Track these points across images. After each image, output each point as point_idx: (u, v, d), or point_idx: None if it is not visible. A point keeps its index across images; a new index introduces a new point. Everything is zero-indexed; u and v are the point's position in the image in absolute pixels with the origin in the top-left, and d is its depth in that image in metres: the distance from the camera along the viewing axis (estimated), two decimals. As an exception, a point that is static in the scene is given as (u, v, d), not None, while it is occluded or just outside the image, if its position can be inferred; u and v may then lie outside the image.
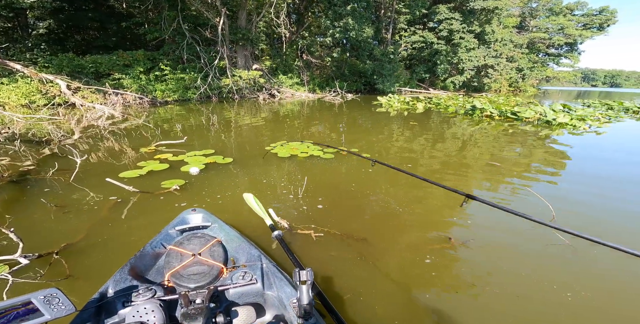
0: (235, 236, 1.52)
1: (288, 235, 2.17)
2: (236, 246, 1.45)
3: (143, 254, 1.33)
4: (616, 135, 6.68)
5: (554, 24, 32.58)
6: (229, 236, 1.51)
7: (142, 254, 1.33)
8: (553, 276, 1.79)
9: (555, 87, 68.40)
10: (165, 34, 12.50)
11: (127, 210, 2.50)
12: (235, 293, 1.15)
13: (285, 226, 2.25)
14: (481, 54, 20.65)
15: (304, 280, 0.94)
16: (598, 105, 12.45)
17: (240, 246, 1.44)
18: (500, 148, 5.14)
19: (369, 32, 15.04)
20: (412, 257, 1.94)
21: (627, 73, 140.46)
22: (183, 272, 1.08)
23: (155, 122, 6.87)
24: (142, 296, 1.01)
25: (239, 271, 1.18)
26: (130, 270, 1.20)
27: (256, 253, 1.36)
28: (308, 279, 0.95)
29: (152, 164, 3.69)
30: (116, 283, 1.12)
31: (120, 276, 1.15)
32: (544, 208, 2.55)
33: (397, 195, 3.04)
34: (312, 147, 4.64)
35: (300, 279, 0.95)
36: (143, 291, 1.02)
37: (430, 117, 9.04)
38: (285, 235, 2.12)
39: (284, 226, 2.26)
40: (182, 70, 12.57)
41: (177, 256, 1.16)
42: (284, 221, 2.29)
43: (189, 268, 1.10)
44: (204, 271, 1.08)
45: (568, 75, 40.58)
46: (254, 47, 14.97)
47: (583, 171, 3.94)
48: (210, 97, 12.60)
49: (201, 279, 1.06)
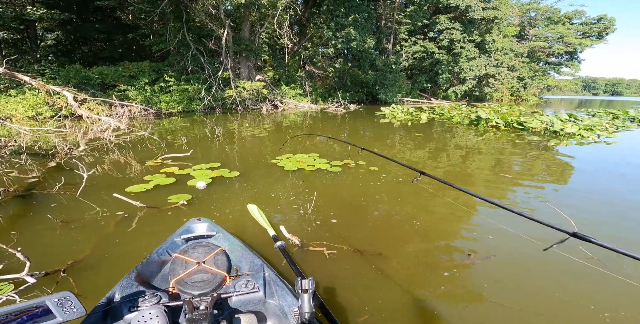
0: (238, 245, 1.56)
1: (299, 252, 2.10)
2: (240, 255, 1.49)
3: (149, 261, 1.38)
4: (628, 145, 6.55)
5: (553, 32, 33.05)
6: (232, 246, 1.55)
7: (148, 261, 1.38)
8: (585, 293, 1.70)
9: (556, 95, 68.75)
10: (171, 45, 12.73)
11: (134, 226, 2.46)
12: (237, 300, 1.18)
13: (297, 242, 2.19)
14: (482, 63, 20.85)
15: (305, 289, 0.97)
16: (603, 114, 12.41)
17: (243, 256, 1.48)
18: (509, 160, 5.06)
19: (370, 43, 15.27)
20: (429, 274, 1.87)
21: (628, 82, 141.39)
22: (187, 279, 1.11)
23: (160, 134, 6.88)
24: (148, 301, 1.04)
25: (241, 280, 1.21)
26: (137, 276, 1.24)
27: (259, 262, 1.40)
28: (310, 288, 0.97)
29: (158, 178, 3.65)
30: (123, 289, 1.15)
31: (127, 282, 1.19)
32: (562, 221, 2.45)
33: (411, 207, 2.96)
34: (319, 160, 4.59)
35: (302, 288, 0.97)
36: (149, 297, 1.05)
37: (434, 128, 9.01)
38: (297, 253, 2.08)
39: (295, 242, 2.19)
40: (186, 81, 12.72)
41: (182, 264, 1.19)
42: (295, 238, 2.22)
43: (193, 275, 1.12)
44: (207, 278, 1.11)
45: (569, 83, 40.77)
46: (257, 58, 15.20)
47: (599, 186, 3.84)
48: (214, 108, 12.70)
49: (205, 286, 1.09)
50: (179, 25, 12.57)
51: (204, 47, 13.48)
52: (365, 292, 1.72)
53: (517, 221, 2.72)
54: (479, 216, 2.87)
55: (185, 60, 12.82)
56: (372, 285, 1.80)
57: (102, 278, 1.79)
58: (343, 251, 2.13)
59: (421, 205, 3.14)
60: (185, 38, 12.66)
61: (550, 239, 1.03)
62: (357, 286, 1.77)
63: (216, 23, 13.80)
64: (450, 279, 1.83)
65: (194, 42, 13.13)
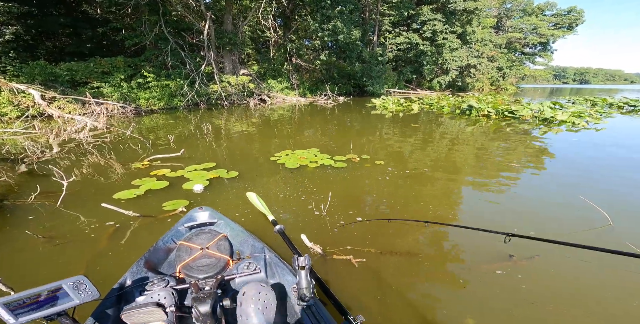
0: (240, 231, 1.63)
1: (323, 263, 1.89)
2: (241, 240, 1.56)
3: (156, 249, 1.45)
4: (617, 130, 6.75)
5: (527, 24, 34.15)
6: (234, 232, 1.62)
7: (155, 249, 1.44)
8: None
9: (531, 84, 71.64)
10: (147, 40, 11.91)
11: (129, 237, 2.18)
12: (240, 281, 1.25)
13: (319, 251, 1.97)
14: (464, 54, 21.20)
15: (302, 265, 1.02)
16: (583, 101, 12.91)
17: (244, 240, 1.56)
18: (511, 148, 5.06)
19: (356, 35, 15.03)
20: (472, 277, 1.74)
21: (594, 71, 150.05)
22: (193, 264, 1.15)
23: (142, 133, 6.38)
24: (157, 285, 1.10)
25: (243, 262, 1.26)
26: (145, 263, 1.31)
27: (260, 246, 1.47)
28: (306, 264, 1.03)
29: (148, 182, 3.31)
30: (133, 275, 1.23)
31: (136, 269, 1.27)
32: (594, 213, 2.40)
33: (434, 201, 2.83)
34: (320, 155, 4.37)
35: (299, 265, 1.02)
36: (157, 282, 1.10)
37: (427, 118, 9.00)
38: (320, 264, 1.87)
39: (317, 251, 1.97)
40: (166, 76, 12.00)
41: (186, 250, 1.22)
42: (316, 246, 2.00)
43: (198, 260, 1.16)
44: (211, 263, 1.15)
45: (543, 73, 42.58)
46: (241, 51, 14.60)
47: (612, 171, 3.87)
48: (198, 104, 12.09)
49: (209, 270, 1.13)
50: (155, 18, 11.74)
51: (184, 41, 12.74)
52: (412, 304, 1.57)
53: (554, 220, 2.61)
54: (509, 210, 2.79)
55: (165, 55, 12.06)
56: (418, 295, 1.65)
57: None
58: (372, 256, 1.95)
59: (439, 197, 3.02)
60: (163, 32, 11.88)
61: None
62: (399, 298, 1.61)
63: (196, 16, 13.05)
64: (497, 281, 1.70)
65: (173, 35, 12.38)
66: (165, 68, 12.42)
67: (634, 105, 11.53)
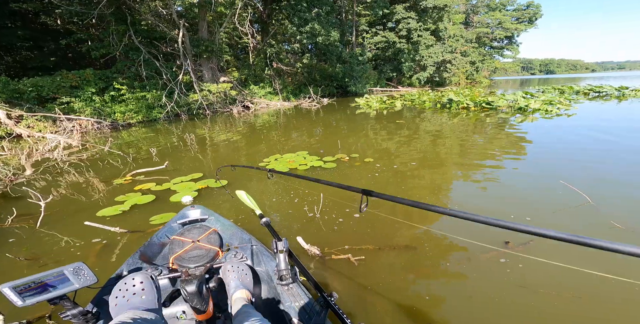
0: (229, 225, 1.77)
1: (322, 265, 1.86)
2: (231, 233, 1.70)
3: (150, 243, 1.57)
4: (586, 115, 7.15)
5: (492, 19, 35.87)
6: (224, 226, 1.76)
7: (149, 243, 1.56)
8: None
9: (502, 77, 75.03)
10: (116, 50, 11.46)
11: (119, 253, 2.10)
12: None
13: (317, 252, 1.95)
14: (439, 50, 21.94)
15: (281, 249, 1.16)
16: (551, 90, 13.61)
17: (234, 233, 1.70)
18: (492, 138, 5.25)
19: (335, 36, 15.17)
20: (472, 266, 1.76)
21: (558, 62, 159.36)
22: (184, 255, 1.20)
23: (122, 148, 6.11)
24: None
25: (231, 252, 1.35)
26: (141, 255, 1.43)
27: (247, 237, 1.62)
28: (284, 248, 1.17)
29: (133, 197, 3.17)
30: (129, 266, 1.34)
31: (132, 260, 1.38)
32: (575, 195, 2.51)
33: (422, 192, 2.87)
34: (309, 157, 4.35)
35: (278, 249, 1.16)
36: (152, 270, 1.13)
37: (411, 114, 9.20)
38: (319, 266, 1.86)
39: (315, 253, 1.95)
40: (141, 88, 11.58)
41: (179, 244, 1.29)
42: (313, 248, 1.99)
43: (189, 252, 1.22)
44: (202, 254, 1.21)
45: (512, 65, 44.77)
46: (220, 59, 14.37)
47: (591, 153, 4.08)
48: (179, 115, 11.76)
49: (200, 260, 1.19)
50: (123, 28, 11.33)
51: (157, 51, 12.36)
52: (416, 300, 1.57)
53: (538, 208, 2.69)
54: (496, 190, 2.87)
55: (138, 66, 11.65)
56: (420, 289, 1.65)
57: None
58: (371, 253, 1.95)
59: (429, 187, 3.07)
60: (133, 42, 11.49)
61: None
62: (402, 295, 1.61)
63: (168, 24, 12.74)
64: (508, 267, 1.72)
65: (145, 45, 11.99)
66: (139, 79, 11.99)
67: (598, 91, 12.32)
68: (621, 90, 12.10)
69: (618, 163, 3.43)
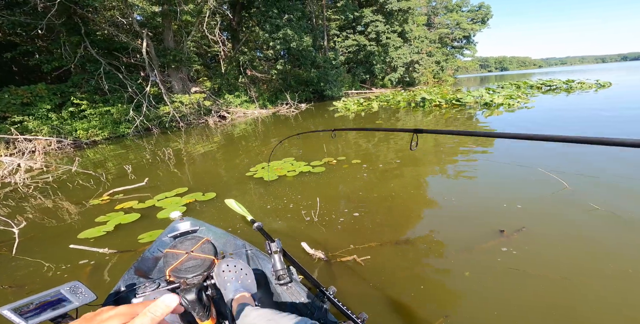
0: (222, 234, 1.76)
1: (328, 268, 1.84)
2: (224, 241, 1.71)
3: (144, 259, 1.55)
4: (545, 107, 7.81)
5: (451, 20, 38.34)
6: (216, 235, 1.75)
7: (142, 259, 1.55)
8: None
9: (464, 75, 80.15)
10: (71, 63, 10.64)
11: (111, 273, 2.01)
12: None
13: (322, 256, 1.92)
14: (407, 52, 23.06)
15: (275, 250, 1.15)
16: (509, 85, 14.75)
17: (227, 241, 1.70)
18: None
19: (308, 41, 15.33)
20: (473, 258, 1.81)
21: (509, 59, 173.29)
22: (181, 267, 1.21)
23: (90, 168, 5.67)
24: (149, 288, 1.16)
25: (227, 258, 1.34)
26: (136, 271, 1.43)
27: (241, 243, 1.63)
28: (277, 248, 1.15)
29: (116, 217, 2.98)
30: (125, 282, 1.34)
31: (128, 276, 1.38)
32: (553, 182, 2.72)
33: (418, 191, 2.96)
34: (296, 164, 4.33)
35: (272, 250, 1.15)
36: (149, 285, 1.16)
37: (388, 114, 9.50)
38: (325, 269, 1.83)
39: (320, 257, 1.92)
40: (104, 102, 10.83)
41: (173, 256, 1.29)
42: (318, 252, 1.96)
43: (185, 263, 1.23)
44: (197, 263, 1.22)
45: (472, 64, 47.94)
46: (189, 68, 13.92)
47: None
48: (150, 129, 11.14)
49: (196, 270, 1.20)
50: (77, 39, 10.55)
51: (119, 62, 11.69)
52: (424, 296, 1.58)
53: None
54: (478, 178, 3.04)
55: (97, 78, 10.90)
56: (427, 284, 1.67)
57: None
58: (375, 251, 1.96)
59: (413, 183, 3.18)
60: (89, 53, 10.76)
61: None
62: (410, 291, 1.62)
63: (129, 34, 12.14)
64: (501, 260, 1.78)
65: (104, 56, 11.28)
66: (101, 93, 11.22)
67: (549, 85, 13.56)
68: (568, 83, 13.42)
69: (582, 150, 3.78)
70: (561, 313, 1.37)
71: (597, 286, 1.51)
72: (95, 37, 11.59)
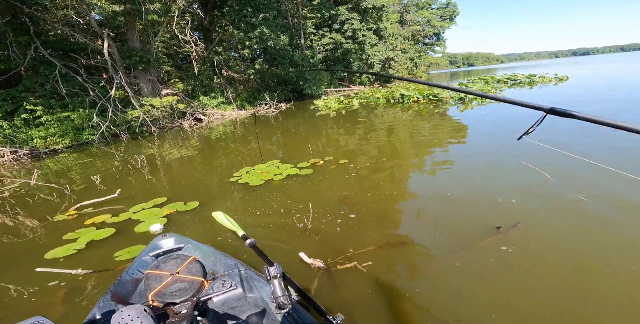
0: (210, 251, 1.63)
1: (328, 278, 1.74)
2: (213, 260, 1.57)
3: (121, 281, 1.40)
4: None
5: (422, 17, 39.52)
6: (204, 253, 1.60)
7: (120, 282, 1.40)
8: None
9: (435, 71, 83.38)
10: (20, 65, 9.62)
11: (91, 296, 1.82)
12: (218, 300, 1.28)
13: (321, 265, 1.83)
14: (383, 49, 23.53)
15: (274, 275, 1.05)
16: (478, 81, 15.48)
17: (217, 260, 1.57)
18: (445, 127, 5.73)
19: (285, 40, 15.07)
20: (474, 256, 1.82)
21: (475, 55, 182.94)
22: (165, 290, 1.10)
23: (52, 179, 5.14)
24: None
25: (218, 281, 1.28)
26: (113, 296, 1.28)
27: (232, 263, 1.50)
28: (277, 273, 1.06)
29: (87, 233, 2.73)
30: (101, 309, 1.19)
31: (104, 303, 1.23)
32: (536, 175, 2.80)
33: (410, 188, 2.96)
34: (282, 166, 4.19)
35: (271, 274, 1.05)
36: None
37: (369, 111, 9.58)
38: (325, 279, 1.74)
39: (320, 266, 1.82)
40: (62, 107, 9.93)
41: (156, 278, 1.17)
42: (317, 261, 1.86)
43: (170, 286, 1.12)
44: (185, 286, 1.12)
45: (443, 60, 49.88)
46: (159, 70, 13.15)
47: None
48: (118, 134, 10.39)
49: (184, 294, 1.09)
50: (25, 39, 9.50)
51: (77, 64, 10.76)
52: (427, 301, 1.55)
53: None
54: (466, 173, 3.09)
55: (53, 82, 9.95)
56: (430, 288, 1.64)
57: None
58: (376, 255, 1.89)
59: (403, 180, 3.20)
60: (42, 55, 9.78)
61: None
62: (414, 297, 1.58)
63: (87, 34, 11.21)
64: (505, 256, 1.76)
65: (59, 58, 10.34)
66: (58, 97, 10.28)
67: (514, 79, 14.41)
68: (530, 77, 14.34)
69: (556, 139, 3.98)
70: (574, 314, 1.36)
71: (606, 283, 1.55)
72: (48, 37, 10.59)
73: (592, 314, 1.32)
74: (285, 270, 1.78)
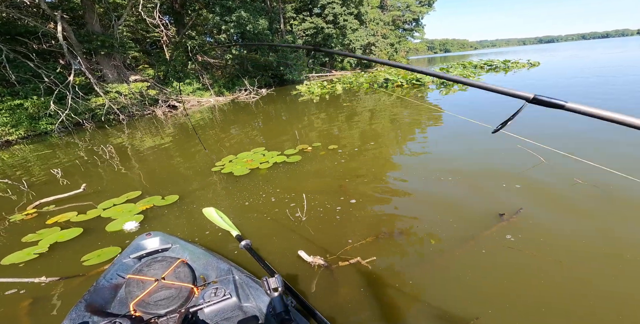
0: (201, 253, 1.45)
1: (330, 276, 1.61)
2: (204, 263, 1.39)
3: (98, 288, 1.24)
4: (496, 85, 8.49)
5: (401, 2, 38.95)
6: (194, 255, 1.43)
7: (96, 288, 1.23)
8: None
9: (414, 56, 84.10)
10: (-41, 50, 8.41)
11: (62, 304, 1.59)
12: (210, 311, 1.11)
13: (322, 263, 1.68)
14: (364, 34, 23.12)
15: (274, 287, 0.95)
16: (456, 66, 15.66)
17: (208, 263, 1.38)
18: (429, 110, 5.72)
19: (264, 24, 14.23)
20: (482, 245, 1.76)
21: (451, 41, 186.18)
22: (149, 299, 0.99)
23: (5, 174, 4.57)
24: None
25: (209, 289, 1.14)
26: (87, 306, 1.11)
27: (226, 267, 1.31)
28: (278, 286, 0.96)
29: (50, 233, 2.42)
30: (73, 321, 1.03)
31: (76, 314, 1.06)
32: (530, 157, 2.78)
33: (402, 173, 2.88)
34: (269, 154, 3.95)
35: (271, 287, 0.95)
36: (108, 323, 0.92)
37: (354, 96, 9.40)
38: (327, 278, 1.60)
39: (321, 263, 1.67)
40: (12, 95, 8.90)
41: (138, 285, 1.05)
42: (317, 259, 1.70)
43: (154, 294, 1.01)
44: (171, 294, 1.01)
45: (421, 46, 50.08)
46: (125, 55, 12.03)
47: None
48: (82, 123, 9.51)
49: (171, 303, 0.98)
50: (-39, 21, 8.29)
51: (26, 48, 9.59)
52: (436, 296, 1.50)
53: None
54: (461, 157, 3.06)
55: (0, 68, 8.82)
56: (437, 284, 1.58)
57: None
58: (378, 247, 1.78)
59: (400, 164, 3.13)
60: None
61: None
62: (422, 293, 1.51)
63: (37, 17, 9.93)
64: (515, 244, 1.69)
65: (6, 43, 9.14)
66: (7, 85, 9.17)
67: (490, 64, 14.73)
68: (505, 63, 14.73)
69: (540, 123, 4.04)
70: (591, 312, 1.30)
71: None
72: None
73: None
74: (283, 269, 1.65)
